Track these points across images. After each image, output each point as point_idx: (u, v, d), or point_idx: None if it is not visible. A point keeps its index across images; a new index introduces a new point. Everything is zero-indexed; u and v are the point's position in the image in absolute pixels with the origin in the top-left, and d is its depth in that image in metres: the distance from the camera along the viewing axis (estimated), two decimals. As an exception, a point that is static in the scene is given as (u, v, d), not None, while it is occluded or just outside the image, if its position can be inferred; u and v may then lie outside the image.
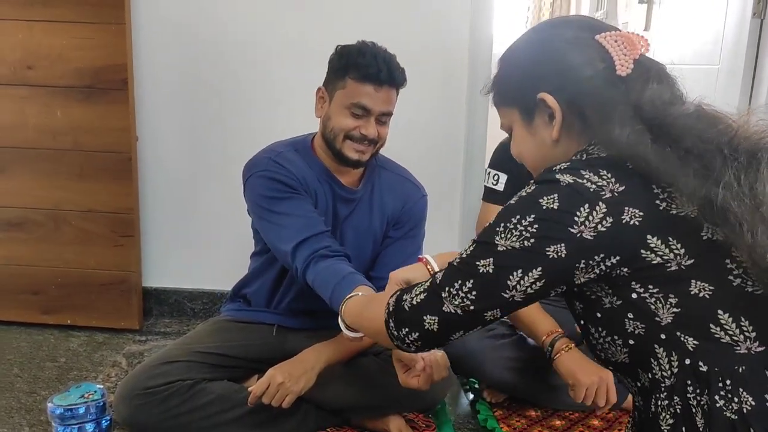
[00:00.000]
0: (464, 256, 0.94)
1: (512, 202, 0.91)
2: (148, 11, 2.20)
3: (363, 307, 1.22)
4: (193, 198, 2.35)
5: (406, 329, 0.99)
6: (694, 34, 3.01)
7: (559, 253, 0.86)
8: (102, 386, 1.69)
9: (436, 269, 1.18)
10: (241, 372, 1.71)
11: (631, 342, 0.91)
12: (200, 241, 2.38)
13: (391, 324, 1.01)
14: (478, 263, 0.91)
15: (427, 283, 0.98)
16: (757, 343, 0.87)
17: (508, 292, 0.90)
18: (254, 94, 2.26)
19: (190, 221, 2.37)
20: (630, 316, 0.90)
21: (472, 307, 0.92)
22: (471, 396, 1.93)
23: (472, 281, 0.91)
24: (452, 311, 0.93)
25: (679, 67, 0.99)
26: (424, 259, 1.21)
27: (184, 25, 2.23)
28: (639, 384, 0.96)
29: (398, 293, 1.03)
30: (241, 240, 1.92)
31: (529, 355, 1.81)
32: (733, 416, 0.84)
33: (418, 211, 1.77)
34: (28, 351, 2.11)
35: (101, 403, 1.63)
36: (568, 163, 0.91)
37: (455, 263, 0.95)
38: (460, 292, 0.92)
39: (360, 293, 1.31)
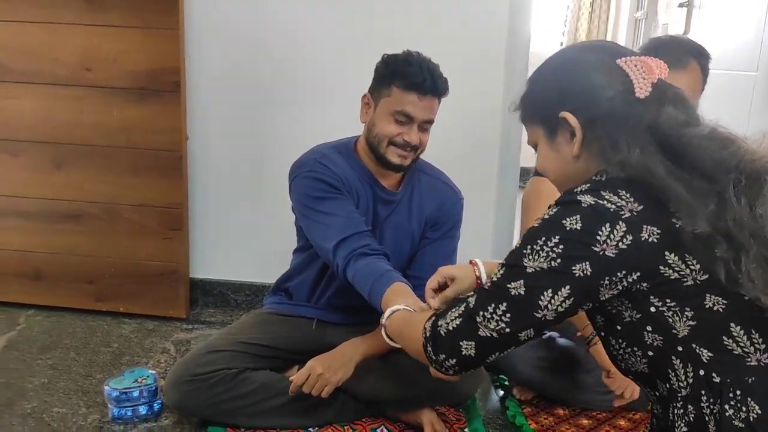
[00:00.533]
0: (495, 279, 0.98)
1: (536, 225, 0.95)
2: (200, 17, 2.26)
3: (404, 325, 1.23)
4: (238, 195, 2.41)
5: (444, 355, 1.02)
6: (733, 39, 2.98)
7: (585, 272, 0.90)
8: (154, 371, 1.79)
9: (483, 275, 1.22)
10: (282, 363, 1.77)
11: (650, 353, 0.95)
12: (245, 235, 2.44)
13: (429, 349, 1.04)
14: (509, 286, 0.95)
15: (462, 308, 1.01)
16: (766, 355, 0.90)
17: (540, 311, 0.94)
18: (300, 97, 2.30)
19: (235, 217, 2.43)
20: (649, 328, 0.94)
21: (507, 330, 0.96)
22: (501, 393, 1.96)
23: (505, 304, 0.95)
24: (488, 335, 0.97)
25: (717, 72, 1.01)
26: (474, 262, 1.25)
27: (235, 31, 2.28)
28: (658, 393, 1.00)
29: (433, 318, 1.06)
30: (284, 236, 1.98)
31: (558, 355, 1.85)
32: (740, 424, 0.88)
33: (455, 213, 1.82)
34: (83, 336, 2.21)
35: (153, 388, 1.73)
36: (588, 184, 0.95)
37: (487, 287, 0.99)
38: (494, 316, 0.96)
39: (403, 306, 1.31)
